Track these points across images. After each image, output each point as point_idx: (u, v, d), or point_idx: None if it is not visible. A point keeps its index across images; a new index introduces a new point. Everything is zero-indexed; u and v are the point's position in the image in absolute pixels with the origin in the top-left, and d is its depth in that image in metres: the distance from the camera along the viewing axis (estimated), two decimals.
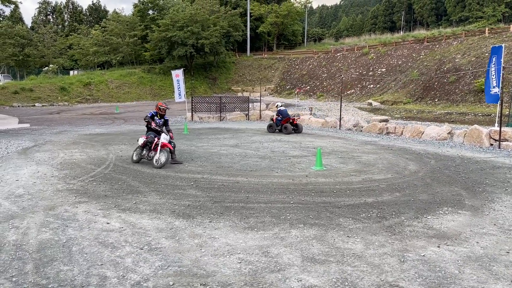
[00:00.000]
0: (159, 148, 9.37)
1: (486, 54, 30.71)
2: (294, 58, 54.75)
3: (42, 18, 79.82)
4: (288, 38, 66.75)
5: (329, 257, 4.46)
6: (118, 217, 5.81)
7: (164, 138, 9.41)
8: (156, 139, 9.58)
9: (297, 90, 30.96)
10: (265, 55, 59.01)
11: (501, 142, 12.97)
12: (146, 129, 10.26)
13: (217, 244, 4.83)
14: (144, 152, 9.78)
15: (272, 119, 18.18)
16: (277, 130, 17.68)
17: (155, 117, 10.03)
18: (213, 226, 5.47)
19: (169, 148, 9.53)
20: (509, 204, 6.56)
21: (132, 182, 8.03)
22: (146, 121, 10.00)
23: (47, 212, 6.02)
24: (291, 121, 17.42)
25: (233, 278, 3.96)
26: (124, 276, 3.98)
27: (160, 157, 9.35)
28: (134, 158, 9.95)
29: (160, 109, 10.11)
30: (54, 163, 9.94)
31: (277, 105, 18.63)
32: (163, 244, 4.82)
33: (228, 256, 4.46)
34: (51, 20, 79.95)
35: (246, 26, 57.14)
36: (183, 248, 4.69)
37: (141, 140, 9.67)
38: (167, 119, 10.30)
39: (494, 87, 15.59)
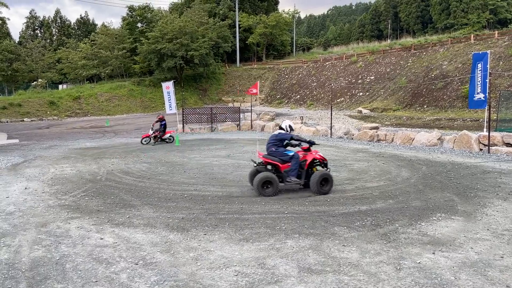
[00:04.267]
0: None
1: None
2: (283, 67, 55.05)
3: (30, 33, 79.39)
4: (277, 48, 67.23)
5: (325, 267, 4.45)
6: (111, 232, 5.75)
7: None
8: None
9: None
10: (255, 65, 59.28)
11: (490, 147, 13.13)
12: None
13: (212, 257, 4.80)
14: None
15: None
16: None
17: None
18: (208, 238, 5.43)
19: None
20: (501, 209, 6.62)
21: (125, 196, 7.97)
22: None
23: (39, 229, 5.94)
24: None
25: None
26: None
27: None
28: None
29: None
30: (45, 179, 9.82)
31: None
32: (158, 258, 4.77)
33: (224, 269, 4.43)
34: (39, 34, 79.54)
35: (235, 37, 57.45)
36: (178, 262, 4.64)
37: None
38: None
39: (478, 93, 15.83)
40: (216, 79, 54.80)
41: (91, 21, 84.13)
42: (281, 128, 8.38)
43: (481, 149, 13.53)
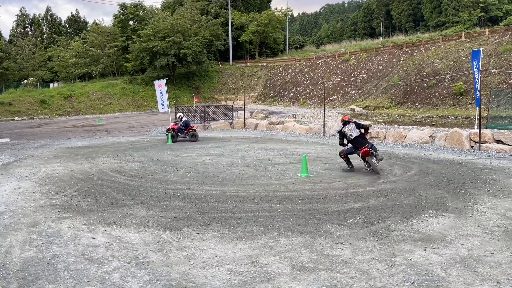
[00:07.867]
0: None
1: (464, 58, 31.46)
2: (276, 66, 55.11)
3: (20, 31, 78.50)
4: (270, 46, 67.20)
5: (318, 264, 4.47)
6: (103, 232, 5.72)
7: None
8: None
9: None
10: (248, 64, 59.26)
11: (481, 144, 13.25)
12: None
13: (205, 255, 4.79)
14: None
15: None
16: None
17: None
18: (201, 237, 5.43)
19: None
20: (492, 205, 6.69)
21: (117, 195, 7.93)
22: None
23: (30, 229, 5.89)
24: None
25: None
26: None
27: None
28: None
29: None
30: (36, 178, 9.74)
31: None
32: (151, 257, 4.76)
33: (217, 268, 4.43)
34: (30, 32, 78.72)
35: (228, 35, 57.33)
36: (171, 261, 4.64)
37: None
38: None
39: (478, 91, 15.89)
40: (209, 77, 54.72)
41: (82, 19, 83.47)
42: None
43: (472, 146, 13.66)
